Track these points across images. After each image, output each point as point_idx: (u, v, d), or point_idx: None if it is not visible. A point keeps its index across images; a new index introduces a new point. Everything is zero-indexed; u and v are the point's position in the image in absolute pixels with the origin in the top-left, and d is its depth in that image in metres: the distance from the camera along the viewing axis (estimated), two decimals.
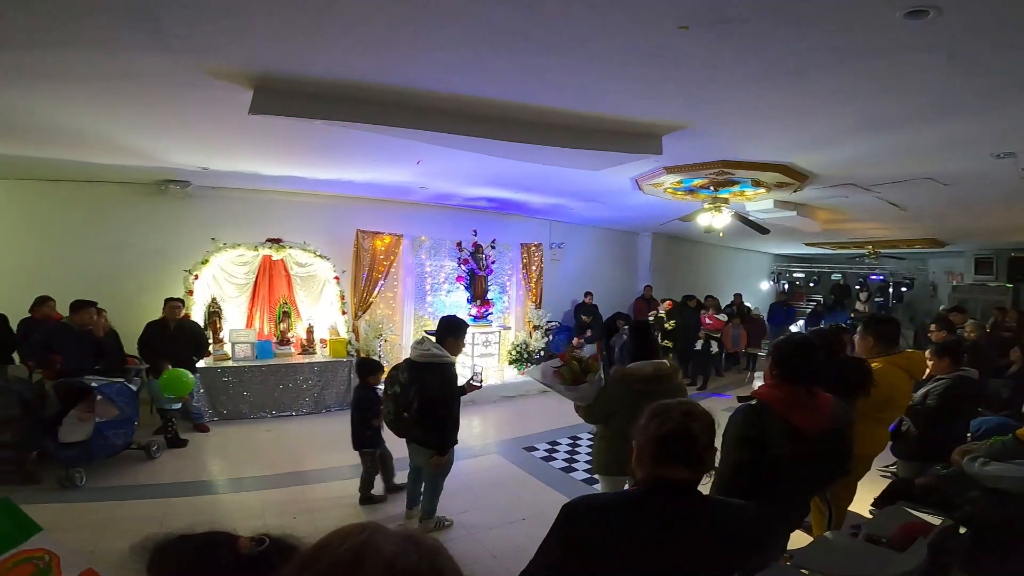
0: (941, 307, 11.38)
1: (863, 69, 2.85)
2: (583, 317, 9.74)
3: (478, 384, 4.08)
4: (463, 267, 8.47)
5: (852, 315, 12.14)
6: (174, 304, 5.96)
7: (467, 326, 3.97)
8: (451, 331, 3.77)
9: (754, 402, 2.17)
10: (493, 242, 8.76)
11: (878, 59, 2.72)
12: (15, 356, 5.65)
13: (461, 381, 3.88)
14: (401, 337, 8.25)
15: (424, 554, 0.68)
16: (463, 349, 3.96)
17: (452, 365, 3.74)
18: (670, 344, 9.08)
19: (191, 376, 5.57)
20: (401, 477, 4.36)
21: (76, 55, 2.89)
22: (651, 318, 9.42)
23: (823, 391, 2.19)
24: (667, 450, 1.40)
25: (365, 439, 4.37)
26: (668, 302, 9.74)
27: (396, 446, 4.07)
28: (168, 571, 0.89)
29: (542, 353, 8.78)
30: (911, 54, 2.63)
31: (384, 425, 4.10)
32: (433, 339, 3.75)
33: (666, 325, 9.24)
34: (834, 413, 2.19)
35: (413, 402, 3.57)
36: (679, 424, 1.40)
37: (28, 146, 4.88)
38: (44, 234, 6.50)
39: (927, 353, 3.78)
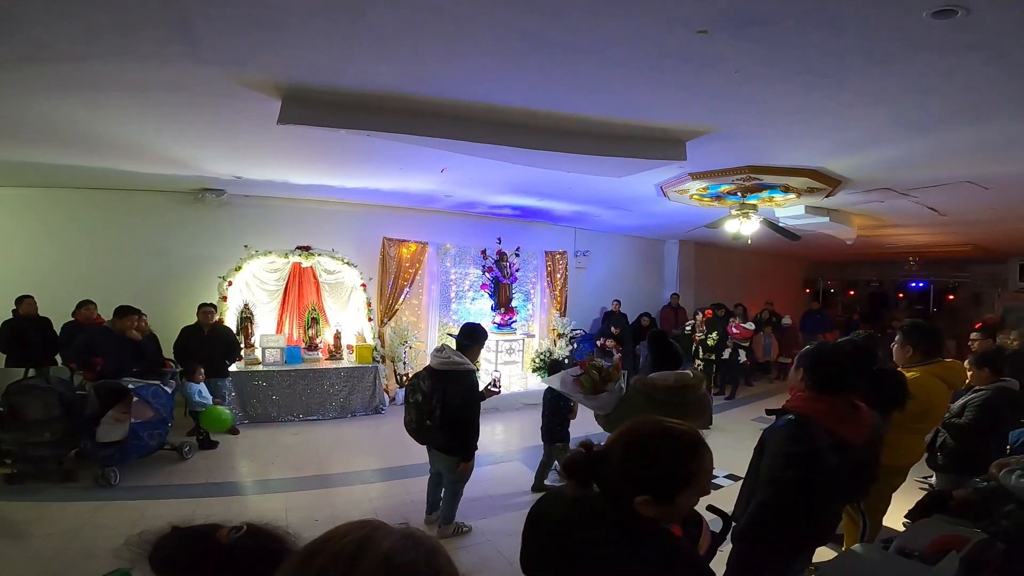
0: (987, 316, 10.92)
1: (897, 70, 2.77)
2: (612, 328, 9.57)
3: (496, 390, 4.09)
4: (487, 275, 8.51)
5: (893, 323, 11.76)
6: (207, 309, 6.17)
7: (487, 334, 3.99)
8: (474, 338, 3.80)
9: (791, 416, 2.07)
10: (517, 250, 8.79)
11: (912, 59, 2.63)
12: (57, 358, 5.89)
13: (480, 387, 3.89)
14: (426, 344, 8.30)
15: (422, 552, 0.70)
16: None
17: (473, 372, 3.76)
18: (713, 358, 8.72)
19: (228, 413, 5.84)
20: (419, 484, 4.38)
21: (123, 67, 3.00)
22: (687, 329, 9.16)
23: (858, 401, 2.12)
24: None
25: (557, 433, 4.64)
26: (707, 311, 9.24)
27: (416, 452, 4.09)
28: (159, 559, 0.96)
29: (566, 361, 8.70)
30: (946, 54, 2.55)
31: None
32: (453, 346, 3.77)
33: (708, 340, 8.76)
34: (872, 423, 2.13)
35: (435, 410, 3.60)
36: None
37: (75, 155, 5.09)
38: (88, 241, 6.78)
39: (967, 363, 3.64)
